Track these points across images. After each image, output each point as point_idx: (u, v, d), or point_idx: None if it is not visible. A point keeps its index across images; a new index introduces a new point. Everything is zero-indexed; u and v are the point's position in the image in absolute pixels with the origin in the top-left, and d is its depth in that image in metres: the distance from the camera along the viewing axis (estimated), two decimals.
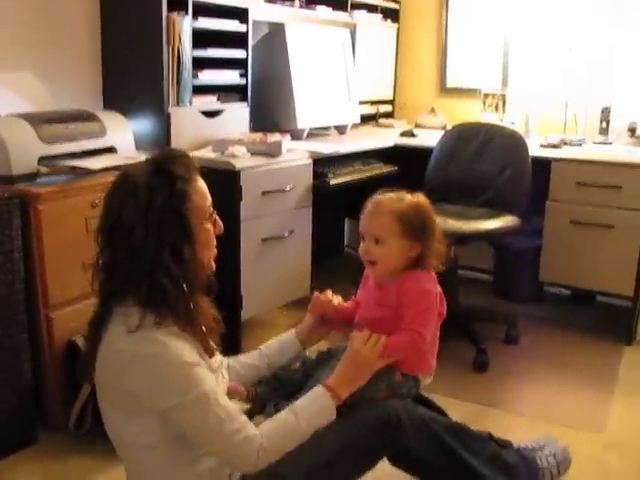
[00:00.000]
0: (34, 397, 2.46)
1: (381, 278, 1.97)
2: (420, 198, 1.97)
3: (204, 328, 1.69)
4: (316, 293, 2.08)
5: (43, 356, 2.46)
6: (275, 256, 3.14)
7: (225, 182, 2.88)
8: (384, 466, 1.94)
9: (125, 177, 1.62)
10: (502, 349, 3.40)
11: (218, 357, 1.81)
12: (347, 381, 1.79)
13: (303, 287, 3.33)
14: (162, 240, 1.56)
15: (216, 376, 1.72)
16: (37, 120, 2.57)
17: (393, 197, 1.96)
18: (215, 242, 1.74)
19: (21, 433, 2.43)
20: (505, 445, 2.12)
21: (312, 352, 2.10)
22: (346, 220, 4.87)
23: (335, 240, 4.78)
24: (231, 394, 1.90)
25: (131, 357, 1.55)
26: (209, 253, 1.72)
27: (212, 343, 1.73)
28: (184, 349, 1.57)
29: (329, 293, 2.08)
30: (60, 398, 2.48)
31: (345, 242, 4.92)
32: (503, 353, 3.35)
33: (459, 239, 3.22)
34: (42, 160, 2.53)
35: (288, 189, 3.11)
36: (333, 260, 4.55)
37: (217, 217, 1.74)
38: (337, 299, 2.07)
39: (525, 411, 2.83)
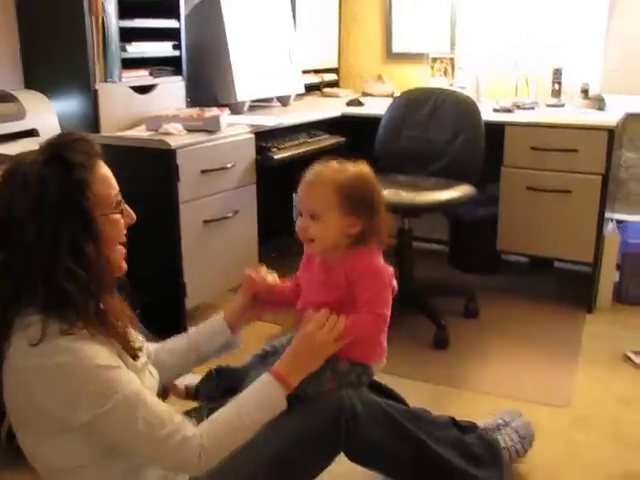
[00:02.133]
0: None
1: (323, 256, 1.78)
2: (363, 168, 1.77)
3: (119, 329, 1.49)
4: (248, 270, 1.89)
5: None
6: (219, 238, 2.96)
7: (160, 162, 2.69)
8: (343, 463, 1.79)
9: (14, 168, 1.41)
10: (462, 324, 3.28)
11: (144, 353, 1.62)
12: (297, 367, 1.64)
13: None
14: (58, 237, 1.37)
15: (142, 376, 1.54)
16: None
17: (332, 167, 1.76)
18: (124, 234, 1.54)
19: None
20: (467, 429, 2.01)
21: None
22: (294, 195, 4.68)
23: (283, 217, 4.58)
24: (168, 393, 1.77)
25: (36, 372, 1.36)
26: (118, 248, 1.53)
27: (133, 343, 1.53)
28: (98, 352, 1.38)
29: (262, 270, 1.89)
30: None
31: (294, 218, 4.74)
32: (463, 328, 3.23)
33: (412, 211, 3.08)
34: None
35: (229, 166, 2.92)
36: (282, 237, 4.36)
37: (126, 206, 1.54)
38: (272, 277, 1.89)
39: (489, 389, 2.72)
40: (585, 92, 3.76)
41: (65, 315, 1.37)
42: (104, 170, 1.47)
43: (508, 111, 3.59)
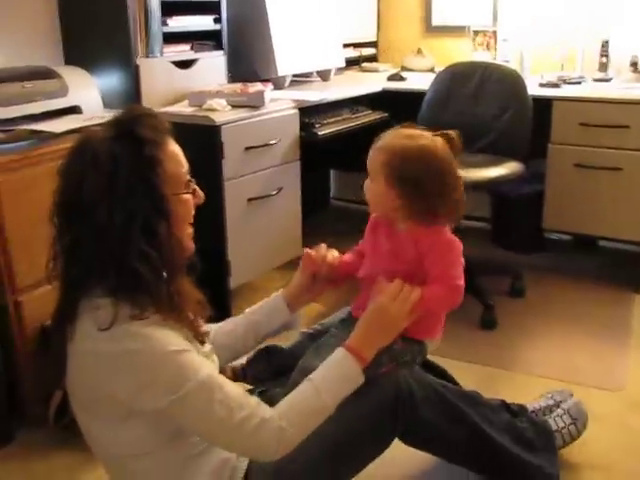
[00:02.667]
0: (7, 391, 2.22)
1: (389, 224, 1.71)
2: (431, 144, 1.63)
3: (190, 314, 1.44)
4: (307, 250, 1.80)
5: (14, 345, 2.21)
6: (263, 217, 2.90)
7: (205, 139, 2.63)
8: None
9: (83, 144, 1.35)
10: (508, 303, 3.21)
11: (210, 339, 1.58)
12: (371, 340, 1.55)
13: (295, 247, 3.09)
14: (131, 217, 1.31)
15: (209, 357, 1.50)
16: None
17: (399, 134, 1.66)
18: (192, 214, 1.49)
19: None
20: (518, 412, 1.96)
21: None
22: (331, 172, 4.63)
23: (321, 194, 4.54)
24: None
25: (107, 357, 1.31)
26: (188, 228, 1.48)
27: (201, 328, 1.49)
28: (169, 337, 1.33)
29: (322, 248, 1.80)
30: (36, 390, 2.24)
31: (331, 195, 4.69)
32: (510, 308, 3.16)
33: None
34: None
35: (273, 143, 2.86)
36: (319, 215, 4.31)
37: (195, 185, 1.48)
38: (332, 254, 1.80)
39: (540, 371, 2.65)
40: (634, 65, 3.64)
41: (136, 298, 1.32)
42: (174, 147, 1.42)
43: (555, 86, 3.48)
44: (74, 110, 2.52)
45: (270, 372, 1.80)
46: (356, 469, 1.66)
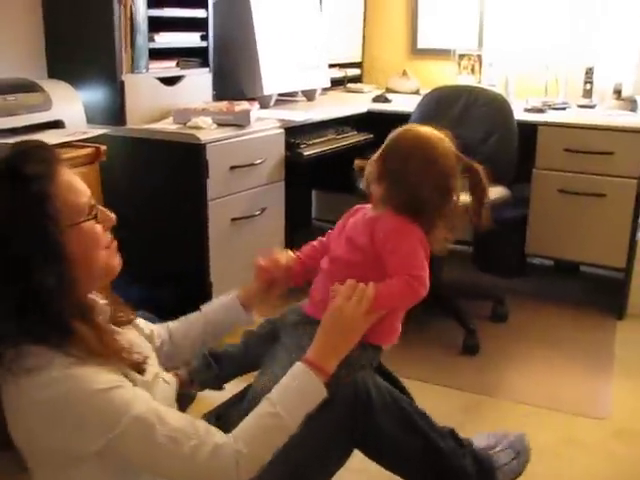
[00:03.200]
0: None
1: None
2: (417, 136, 1.66)
3: (114, 346, 1.34)
4: (258, 260, 1.77)
5: None
6: (246, 237, 2.86)
7: (189, 157, 2.60)
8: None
9: None
10: (490, 328, 3.19)
11: (154, 361, 1.50)
12: (331, 349, 1.48)
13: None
14: (16, 261, 1.23)
15: (154, 389, 1.40)
16: None
17: (408, 126, 1.70)
18: (108, 237, 1.40)
19: None
20: (465, 444, 1.84)
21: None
22: (313, 192, 4.60)
23: (303, 213, 4.50)
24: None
25: (33, 408, 1.24)
26: (103, 253, 1.37)
27: (135, 356, 1.38)
28: (94, 375, 1.24)
29: (274, 254, 1.77)
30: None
31: (313, 215, 4.66)
32: (492, 333, 3.14)
33: None
34: None
35: (258, 162, 2.82)
36: (301, 235, 4.25)
37: (102, 208, 1.39)
38: (286, 256, 1.77)
39: (523, 398, 2.63)
40: (618, 93, 3.66)
41: (49, 342, 1.25)
42: (67, 176, 1.32)
43: (540, 111, 3.49)
44: (57, 125, 2.47)
45: (217, 379, 1.75)
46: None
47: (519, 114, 3.35)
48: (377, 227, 1.60)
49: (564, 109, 3.59)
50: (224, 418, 1.65)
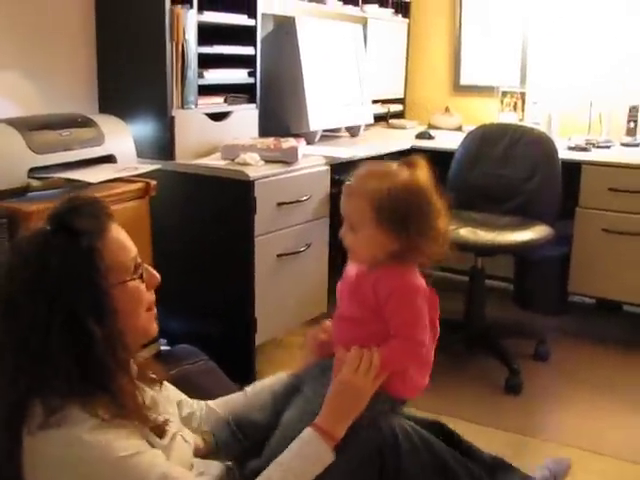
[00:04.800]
0: None
1: (361, 268, 1.59)
2: (415, 176, 1.52)
3: (139, 411, 1.33)
4: (311, 332, 1.71)
5: None
6: (291, 273, 2.87)
7: (237, 193, 2.62)
8: None
9: (17, 243, 1.31)
10: (532, 367, 3.16)
11: (174, 424, 1.47)
12: (341, 416, 1.47)
13: (320, 305, 3.06)
14: (56, 318, 1.22)
15: (170, 451, 1.38)
16: (26, 126, 2.30)
17: (375, 173, 1.55)
18: (152, 298, 1.40)
19: None
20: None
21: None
22: None
23: (344, 252, 4.50)
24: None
25: (56, 464, 1.23)
26: (144, 314, 1.38)
27: (156, 421, 1.37)
28: (115, 440, 1.23)
29: (327, 325, 1.70)
30: None
31: None
32: (534, 372, 3.11)
33: (490, 251, 2.99)
34: (32, 172, 2.26)
35: (305, 199, 2.84)
36: (342, 271, 4.27)
37: (148, 267, 1.40)
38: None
39: (567, 440, 2.59)
40: None
41: (78, 401, 1.24)
42: (117, 233, 1.34)
43: (584, 149, 3.48)
44: (109, 159, 2.52)
45: (244, 450, 1.73)
46: None
47: (563, 153, 3.35)
48: (379, 285, 1.53)
49: (608, 147, 3.58)
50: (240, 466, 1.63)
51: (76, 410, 1.23)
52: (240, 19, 3.02)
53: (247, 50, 3.08)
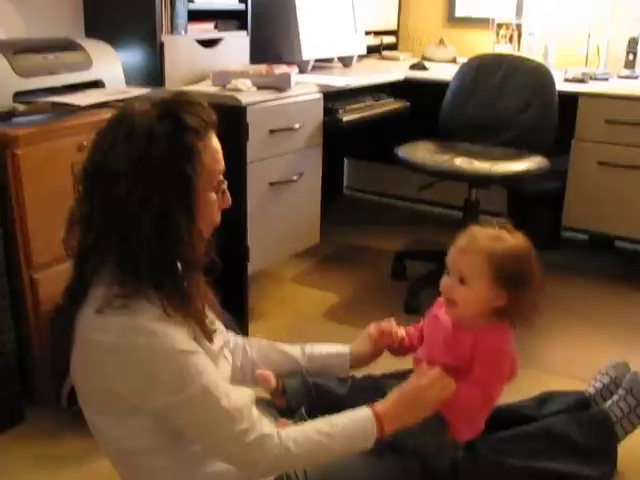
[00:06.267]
0: (19, 371, 2.16)
1: (459, 320, 1.71)
2: (521, 241, 1.70)
3: (199, 310, 1.37)
4: (380, 325, 1.82)
5: (28, 324, 2.14)
6: (283, 202, 2.82)
7: (229, 120, 2.48)
8: None
9: (123, 114, 1.30)
10: None
11: (219, 337, 1.52)
12: (397, 415, 1.52)
13: (312, 236, 3.04)
14: (149, 202, 1.24)
15: (217, 361, 1.43)
16: (10, 49, 2.22)
17: (489, 235, 1.67)
18: (219, 218, 1.43)
19: (6, 412, 2.14)
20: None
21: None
22: (345, 160, 4.56)
23: (335, 182, 4.47)
24: (257, 381, 1.65)
25: (112, 350, 1.25)
26: (209, 230, 1.41)
27: (210, 325, 1.42)
28: (176, 335, 1.27)
29: (393, 324, 1.83)
30: (49, 371, 2.17)
31: (344, 183, 4.62)
32: None
33: (484, 182, 2.96)
34: (18, 96, 2.20)
35: (297, 127, 2.78)
36: (333, 204, 4.24)
37: (225, 188, 1.42)
38: (401, 331, 1.84)
39: (561, 370, 2.61)
40: None
41: (144, 290, 1.26)
42: (215, 142, 1.36)
43: (581, 81, 3.42)
44: (96, 84, 2.45)
45: (311, 407, 1.74)
46: None
47: (559, 85, 3.28)
48: (479, 347, 1.64)
49: (606, 80, 3.51)
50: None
51: (143, 301, 1.25)
52: None
53: None
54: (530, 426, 1.89)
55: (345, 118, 2.98)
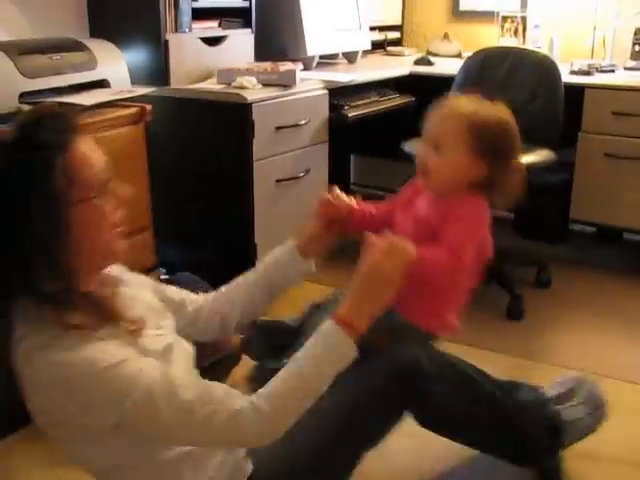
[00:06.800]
0: None
1: (434, 195, 1.58)
2: (504, 111, 1.59)
3: (111, 313, 1.31)
4: (326, 195, 1.68)
5: None
6: (290, 199, 2.83)
7: (234, 117, 2.57)
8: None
9: None
10: (534, 294, 3.14)
11: (167, 334, 1.45)
12: (362, 306, 1.36)
13: None
14: (26, 230, 1.21)
15: (167, 357, 1.37)
16: (15, 50, 2.24)
17: (472, 101, 1.58)
18: (118, 216, 1.33)
19: (11, 414, 2.13)
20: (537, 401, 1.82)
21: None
22: (352, 156, 4.56)
23: (341, 179, 4.46)
24: (224, 347, 1.62)
25: (42, 385, 1.23)
26: (106, 234, 1.31)
27: (130, 321, 1.35)
28: (97, 351, 1.22)
29: (336, 190, 1.70)
30: None
31: (351, 180, 4.62)
32: (536, 298, 3.09)
33: None
34: (24, 97, 2.21)
35: (303, 123, 2.79)
36: None
37: (119, 184, 1.32)
38: (350, 199, 1.70)
39: (569, 363, 2.58)
40: None
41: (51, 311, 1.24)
42: (83, 148, 1.27)
43: (587, 73, 3.40)
44: (102, 84, 2.46)
45: (270, 350, 1.70)
46: (367, 444, 1.55)
47: (565, 77, 3.26)
48: (453, 208, 1.53)
49: (612, 71, 3.49)
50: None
51: (54, 328, 1.22)
52: None
53: None
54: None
55: (351, 114, 2.99)
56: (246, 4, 3.06)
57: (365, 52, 3.86)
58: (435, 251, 1.48)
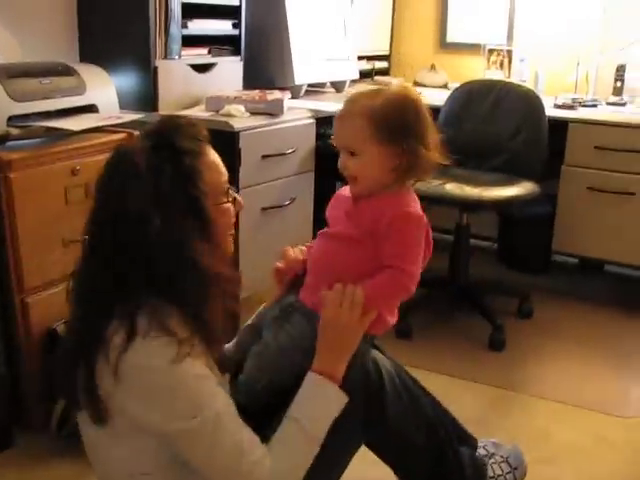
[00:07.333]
0: (9, 394, 2.16)
1: (368, 194, 1.54)
2: (401, 89, 1.54)
3: (219, 338, 1.39)
4: (276, 265, 1.68)
5: (19, 347, 2.14)
6: (275, 227, 2.84)
7: (222, 145, 2.51)
8: None
9: (121, 156, 1.31)
10: (516, 324, 3.17)
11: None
12: (336, 356, 1.45)
13: None
14: (172, 232, 1.27)
15: (223, 386, 1.41)
16: (4, 73, 2.23)
17: (364, 94, 1.54)
18: (233, 221, 1.44)
19: None
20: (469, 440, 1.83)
21: None
22: (337, 185, 4.58)
23: (326, 207, 4.48)
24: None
25: (129, 370, 1.26)
26: (230, 238, 1.44)
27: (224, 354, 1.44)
28: (192, 359, 1.27)
29: (289, 253, 1.69)
30: (39, 395, 2.17)
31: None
32: (518, 329, 3.12)
33: (475, 207, 2.98)
34: (12, 120, 2.20)
35: (289, 152, 2.81)
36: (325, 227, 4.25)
37: (234, 193, 1.44)
38: (301, 251, 1.69)
39: (549, 394, 2.62)
40: None
41: (168, 315, 1.27)
42: (213, 156, 1.38)
43: (570, 108, 3.46)
44: (90, 109, 2.46)
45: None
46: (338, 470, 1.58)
47: (549, 110, 3.33)
48: (379, 213, 1.50)
49: (595, 106, 3.56)
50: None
51: (162, 324, 1.25)
52: None
53: (232, 0, 3.02)
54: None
55: None
56: (236, 32, 3.08)
57: (353, 81, 3.90)
58: (374, 282, 1.49)
